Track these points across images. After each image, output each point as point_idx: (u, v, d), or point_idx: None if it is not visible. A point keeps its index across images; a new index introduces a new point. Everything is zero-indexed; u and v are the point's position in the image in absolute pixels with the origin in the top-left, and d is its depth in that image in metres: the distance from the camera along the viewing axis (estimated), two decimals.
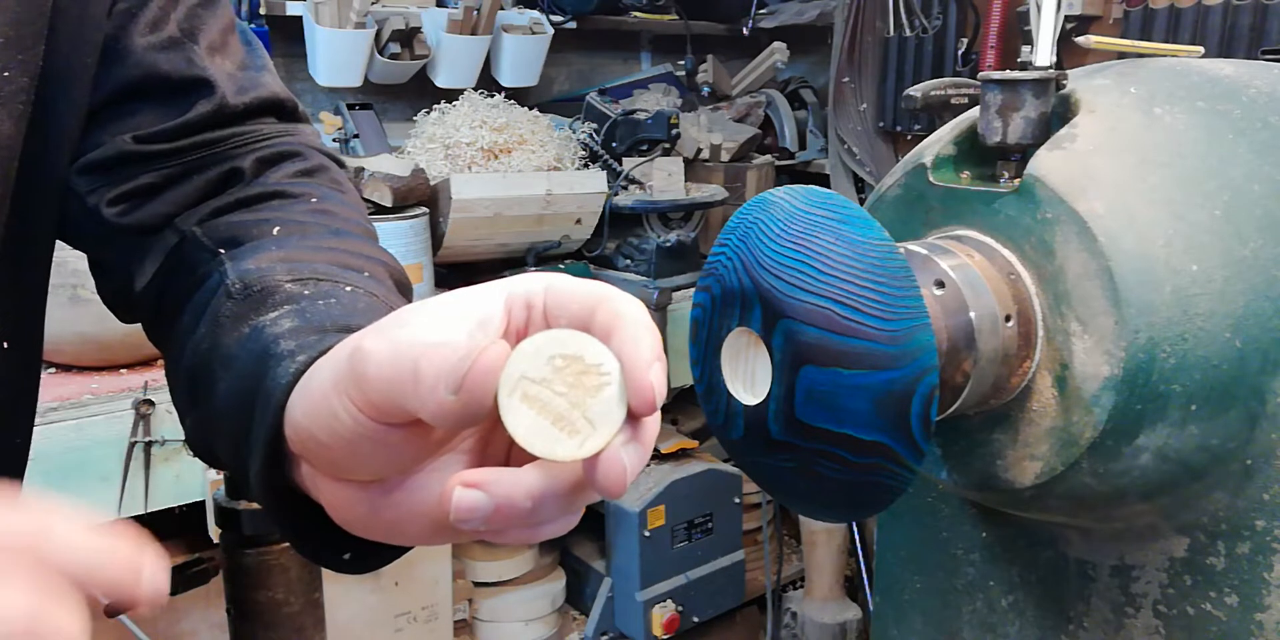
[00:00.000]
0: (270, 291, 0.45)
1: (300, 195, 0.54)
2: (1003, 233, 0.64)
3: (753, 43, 2.59)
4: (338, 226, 0.53)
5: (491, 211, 1.81)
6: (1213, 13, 1.56)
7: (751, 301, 0.57)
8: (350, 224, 0.54)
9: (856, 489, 0.55)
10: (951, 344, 0.60)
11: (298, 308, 0.44)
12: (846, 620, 2.08)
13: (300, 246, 0.49)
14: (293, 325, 0.42)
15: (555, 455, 0.30)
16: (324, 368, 0.37)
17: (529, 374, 0.30)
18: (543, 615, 1.96)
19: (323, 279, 0.46)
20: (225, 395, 0.43)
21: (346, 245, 0.51)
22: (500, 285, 0.35)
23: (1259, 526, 0.62)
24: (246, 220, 0.52)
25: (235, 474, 0.47)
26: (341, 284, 0.46)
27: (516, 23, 2.28)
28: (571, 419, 0.30)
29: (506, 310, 0.34)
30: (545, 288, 0.34)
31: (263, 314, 0.44)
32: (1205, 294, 0.59)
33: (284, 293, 0.45)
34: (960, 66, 1.94)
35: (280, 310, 0.44)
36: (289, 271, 0.47)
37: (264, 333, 0.42)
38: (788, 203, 0.58)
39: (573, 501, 0.33)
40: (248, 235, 0.51)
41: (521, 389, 0.30)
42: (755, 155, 2.32)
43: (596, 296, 0.33)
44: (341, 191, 0.57)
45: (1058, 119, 0.66)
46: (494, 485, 0.32)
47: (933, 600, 0.84)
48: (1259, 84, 0.67)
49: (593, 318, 0.33)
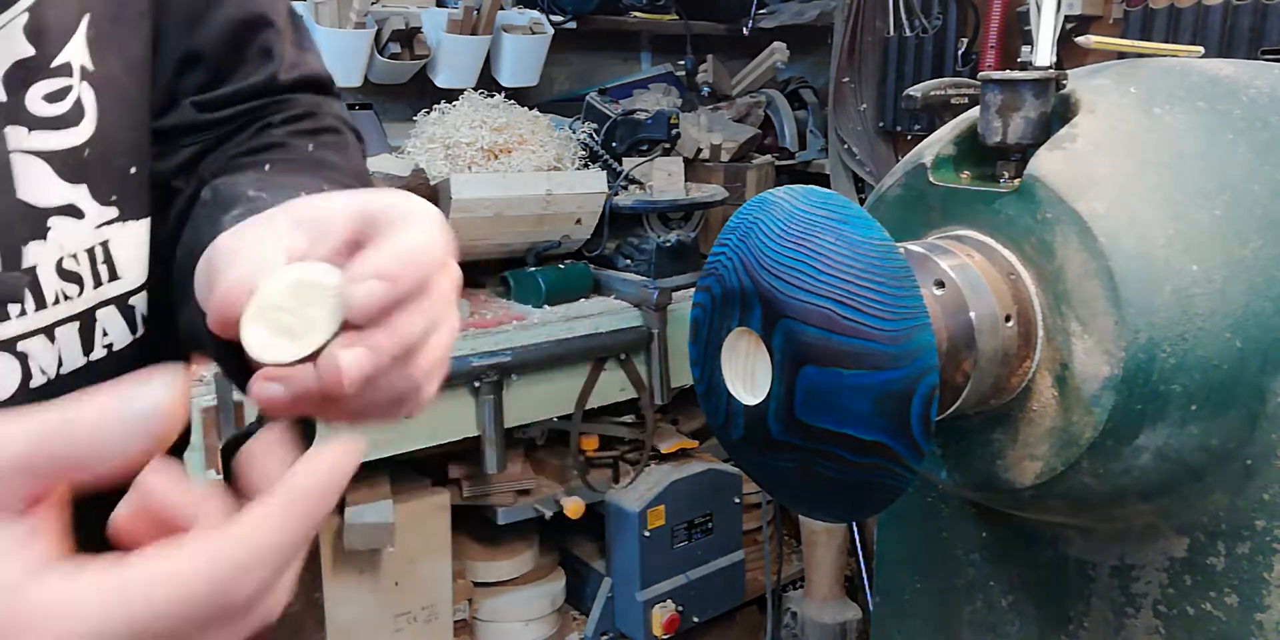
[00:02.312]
0: (235, 197, 0.51)
1: (299, 146, 0.61)
2: (1003, 233, 0.64)
3: (753, 43, 2.59)
4: (327, 172, 0.58)
5: (491, 211, 1.81)
6: (1213, 13, 1.56)
7: (751, 301, 0.57)
8: (335, 166, 0.60)
9: (856, 489, 0.55)
10: (951, 344, 0.60)
11: (253, 206, 0.49)
12: (846, 620, 2.08)
13: (282, 173, 0.56)
14: (242, 211, 0.48)
15: (278, 359, 0.36)
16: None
17: (269, 301, 0.36)
18: (543, 615, 1.96)
19: (286, 187, 0.52)
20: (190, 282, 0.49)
21: (326, 175, 0.57)
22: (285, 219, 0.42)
23: (1259, 526, 0.62)
24: (245, 163, 0.59)
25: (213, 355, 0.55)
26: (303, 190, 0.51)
27: (516, 23, 2.28)
28: (296, 332, 0.36)
29: (283, 254, 0.40)
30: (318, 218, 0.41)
31: (226, 212, 0.50)
32: (1205, 294, 0.59)
33: (246, 197, 0.51)
34: (960, 66, 1.94)
35: (240, 208, 0.49)
36: (255, 184, 0.52)
37: (221, 224, 0.47)
38: (788, 203, 0.58)
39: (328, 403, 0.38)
40: (240, 169, 0.58)
41: (263, 315, 0.36)
42: (755, 155, 2.32)
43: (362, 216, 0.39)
44: (342, 146, 0.63)
45: (1058, 119, 0.66)
46: (288, 381, 0.37)
47: (933, 600, 0.84)
48: (1259, 84, 0.67)
49: (367, 237, 0.39)
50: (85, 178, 0.54)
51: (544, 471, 1.98)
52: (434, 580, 1.75)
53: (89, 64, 0.54)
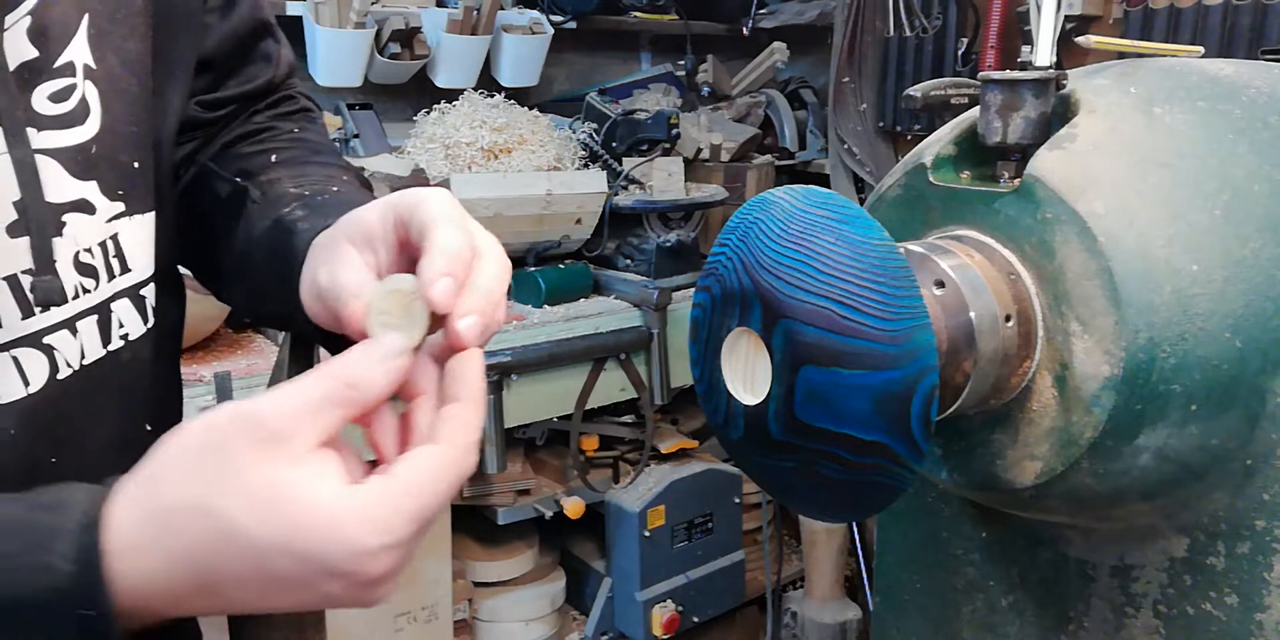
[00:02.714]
0: (281, 195, 0.63)
1: (285, 130, 0.72)
2: (1003, 233, 0.64)
3: (753, 43, 2.59)
4: (314, 147, 0.72)
5: (491, 211, 1.81)
6: (1213, 13, 1.56)
7: (751, 301, 0.57)
8: (321, 146, 0.73)
9: (857, 489, 0.55)
10: (951, 344, 0.60)
11: (304, 202, 0.62)
12: (846, 620, 2.08)
13: (295, 163, 0.68)
14: (304, 213, 0.60)
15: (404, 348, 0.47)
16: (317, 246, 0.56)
17: (378, 307, 0.48)
18: (543, 615, 1.96)
19: (316, 183, 0.65)
20: (262, 264, 0.62)
21: (324, 159, 0.71)
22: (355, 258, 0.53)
23: (1259, 526, 0.62)
24: (247, 152, 0.69)
25: (274, 319, 0.70)
26: (329, 186, 0.65)
27: (516, 23, 2.28)
28: (403, 327, 0.47)
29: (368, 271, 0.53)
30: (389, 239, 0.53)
31: (279, 210, 0.62)
32: (1205, 294, 0.59)
33: (291, 195, 0.63)
34: (960, 66, 1.94)
35: (291, 205, 0.62)
36: (292, 181, 0.65)
37: (283, 220, 0.61)
38: (788, 203, 0.58)
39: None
40: (254, 165, 0.68)
41: (379, 320, 0.47)
42: (755, 155, 2.32)
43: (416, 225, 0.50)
44: (313, 123, 0.76)
45: (1058, 119, 0.66)
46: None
47: (933, 600, 0.84)
48: (1259, 84, 0.67)
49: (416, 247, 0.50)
50: (94, 173, 0.56)
51: (544, 471, 1.98)
52: (434, 580, 1.75)
53: (91, 62, 0.55)
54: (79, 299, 0.56)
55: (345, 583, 0.40)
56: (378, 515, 0.40)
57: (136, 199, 0.59)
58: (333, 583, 0.40)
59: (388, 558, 0.40)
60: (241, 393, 1.49)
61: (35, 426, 0.53)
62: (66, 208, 0.54)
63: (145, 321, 0.62)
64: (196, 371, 1.50)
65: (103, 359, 0.58)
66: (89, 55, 0.55)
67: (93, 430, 0.58)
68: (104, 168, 0.56)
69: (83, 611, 0.38)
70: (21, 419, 0.52)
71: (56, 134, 0.53)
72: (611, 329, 1.86)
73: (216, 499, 0.39)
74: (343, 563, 0.39)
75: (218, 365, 1.53)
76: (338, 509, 0.40)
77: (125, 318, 0.60)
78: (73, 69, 0.54)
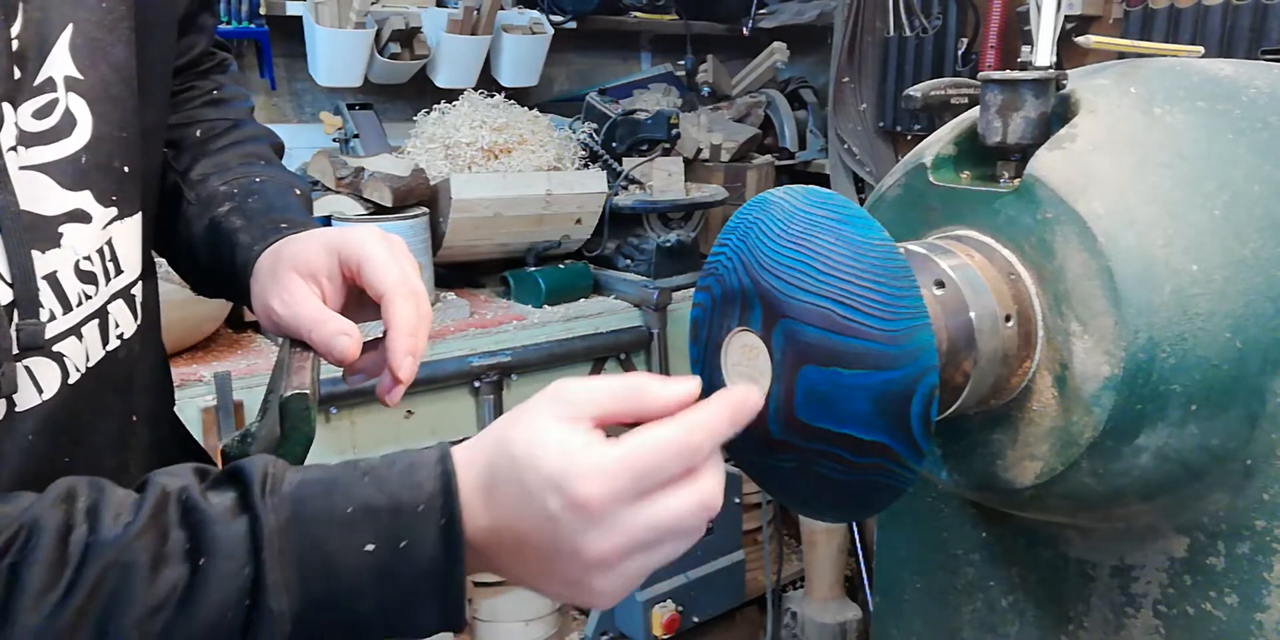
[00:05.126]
0: (213, 194, 0.72)
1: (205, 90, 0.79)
2: (1003, 233, 0.64)
3: (753, 43, 2.60)
4: (230, 115, 0.79)
5: (491, 211, 1.81)
6: (1213, 13, 1.56)
7: (751, 301, 0.57)
8: (234, 108, 0.80)
9: (857, 489, 0.55)
10: (951, 344, 0.60)
11: (236, 206, 0.71)
12: (846, 620, 2.08)
13: (216, 142, 0.76)
14: (241, 222, 0.69)
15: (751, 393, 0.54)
16: (262, 268, 0.66)
17: (732, 360, 0.58)
18: (543, 615, 1.96)
19: (241, 177, 0.73)
20: (207, 263, 0.71)
21: (245, 133, 0.78)
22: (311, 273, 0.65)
23: (1259, 526, 0.62)
24: (173, 124, 0.74)
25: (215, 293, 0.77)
26: (252, 176, 0.73)
27: (516, 23, 2.28)
28: (752, 376, 0.56)
29: (321, 292, 0.65)
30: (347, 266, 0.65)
31: (214, 210, 0.71)
32: (1205, 294, 0.59)
33: (221, 194, 0.72)
34: (960, 66, 1.94)
35: (225, 206, 0.71)
36: (219, 177, 0.73)
37: (221, 225, 0.70)
38: (788, 203, 0.58)
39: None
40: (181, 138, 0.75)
41: (735, 370, 0.58)
42: (755, 155, 2.32)
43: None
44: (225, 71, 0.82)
45: (1058, 119, 0.66)
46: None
47: (933, 600, 0.84)
48: (1259, 84, 0.67)
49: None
50: (87, 183, 0.57)
51: None
52: None
53: (76, 73, 0.56)
54: (82, 305, 0.57)
55: (561, 501, 0.45)
56: (596, 450, 0.46)
57: (127, 202, 0.60)
58: (551, 496, 0.45)
59: (597, 482, 0.45)
60: (241, 393, 1.49)
61: (52, 430, 0.55)
62: (63, 219, 0.55)
63: (136, 318, 0.63)
64: (196, 371, 1.50)
65: (103, 359, 0.59)
66: (71, 67, 0.55)
67: (99, 427, 0.60)
68: (96, 176, 0.57)
69: (441, 520, 0.47)
70: (39, 424, 0.54)
71: (44, 149, 0.54)
72: (611, 329, 1.85)
73: (508, 435, 0.48)
74: (555, 468, 0.45)
75: (217, 365, 1.53)
76: (570, 438, 0.47)
77: (120, 318, 0.61)
78: (53, 84, 0.54)
